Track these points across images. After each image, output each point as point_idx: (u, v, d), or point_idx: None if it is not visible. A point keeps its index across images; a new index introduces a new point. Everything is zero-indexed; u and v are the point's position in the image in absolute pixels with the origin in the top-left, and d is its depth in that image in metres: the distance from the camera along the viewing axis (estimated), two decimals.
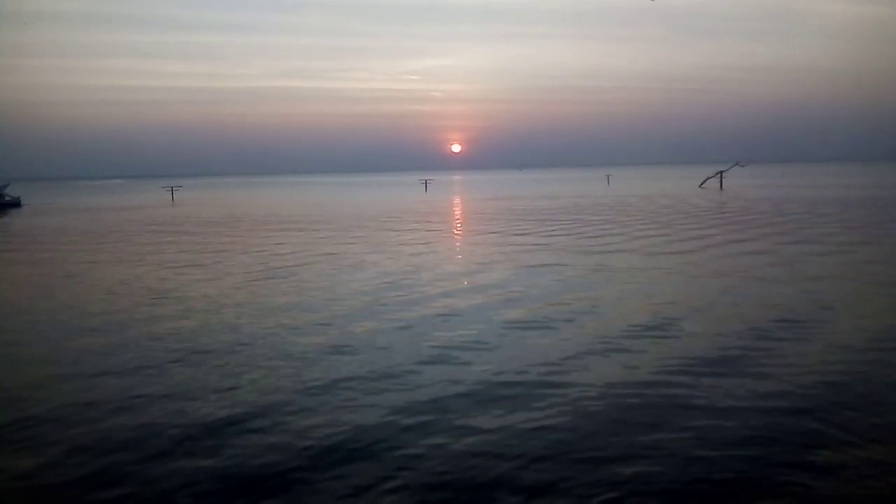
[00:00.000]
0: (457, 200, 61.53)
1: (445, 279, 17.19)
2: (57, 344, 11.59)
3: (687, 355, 9.86)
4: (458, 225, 35.48)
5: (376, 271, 18.65)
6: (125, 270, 20.25)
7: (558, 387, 8.70)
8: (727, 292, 14.54)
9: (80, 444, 7.31)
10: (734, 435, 7.12)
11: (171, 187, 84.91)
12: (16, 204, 66.70)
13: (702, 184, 74.97)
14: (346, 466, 6.63)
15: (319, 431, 7.46)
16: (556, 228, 30.24)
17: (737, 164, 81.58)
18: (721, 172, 75.30)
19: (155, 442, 7.29)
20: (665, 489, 6.08)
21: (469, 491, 6.15)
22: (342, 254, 22.66)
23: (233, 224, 37.96)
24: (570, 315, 12.72)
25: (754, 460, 6.56)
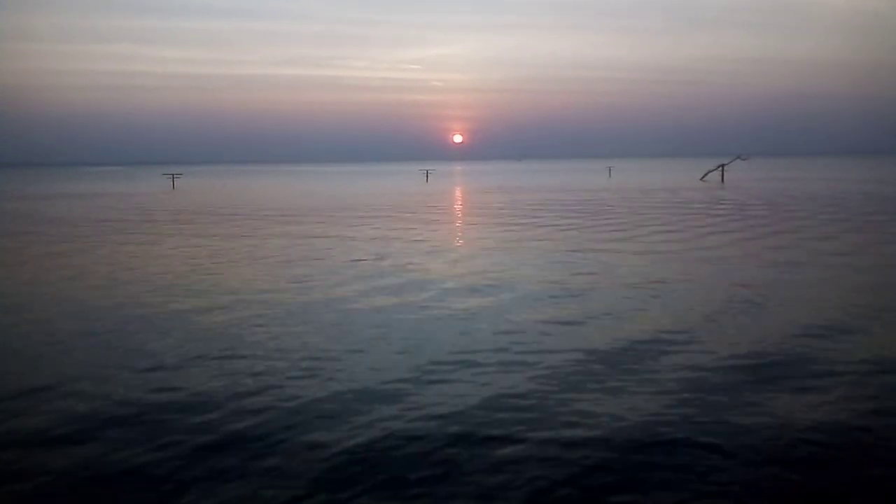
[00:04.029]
0: (459, 190, 61.39)
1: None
2: None
3: None
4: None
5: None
6: None
7: None
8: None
9: None
10: None
11: (172, 175, 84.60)
12: None
13: (703, 177, 74.73)
14: None
15: None
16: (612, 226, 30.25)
17: (738, 157, 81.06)
18: (722, 166, 74.94)
19: None
20: None
21: None
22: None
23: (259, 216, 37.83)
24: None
25: None
